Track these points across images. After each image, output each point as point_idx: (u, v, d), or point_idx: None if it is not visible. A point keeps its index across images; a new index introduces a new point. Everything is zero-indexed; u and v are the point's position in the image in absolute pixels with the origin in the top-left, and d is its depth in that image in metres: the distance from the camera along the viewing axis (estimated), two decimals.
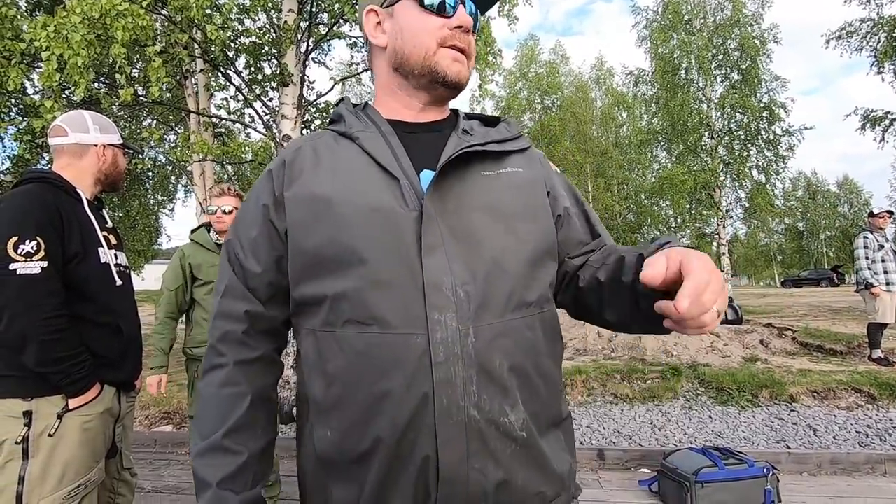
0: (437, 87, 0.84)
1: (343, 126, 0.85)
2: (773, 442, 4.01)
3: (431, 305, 0.69)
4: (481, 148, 0.80)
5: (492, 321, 0.72)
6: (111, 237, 1.74)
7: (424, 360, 0.68)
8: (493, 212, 0.78)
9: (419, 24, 0.82)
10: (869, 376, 4.80)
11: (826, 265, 35.11)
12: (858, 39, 10.95)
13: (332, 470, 0.74)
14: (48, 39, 3.38)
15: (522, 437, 0.72)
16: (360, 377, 0.70)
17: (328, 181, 0.77)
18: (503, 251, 0.76)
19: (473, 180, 0.79)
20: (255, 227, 0.80)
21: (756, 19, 13.36)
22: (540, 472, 0.75)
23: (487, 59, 4.93)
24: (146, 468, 3.73)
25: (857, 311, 8.01)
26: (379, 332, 0.70)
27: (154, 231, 11.09)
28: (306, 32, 4.98)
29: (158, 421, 4.82)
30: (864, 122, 11.50)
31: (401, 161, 0.78)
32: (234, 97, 5.40)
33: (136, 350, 1.78)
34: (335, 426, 0.73)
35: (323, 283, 0.74)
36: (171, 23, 4.08)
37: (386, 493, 0.71)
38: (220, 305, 0.81)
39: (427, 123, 0.87)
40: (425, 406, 0.68)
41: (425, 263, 0.71)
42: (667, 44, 13.79)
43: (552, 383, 0.79)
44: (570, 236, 0.89)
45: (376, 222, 0.73)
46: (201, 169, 5.18)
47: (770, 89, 13.16)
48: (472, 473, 0.69)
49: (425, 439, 0.68)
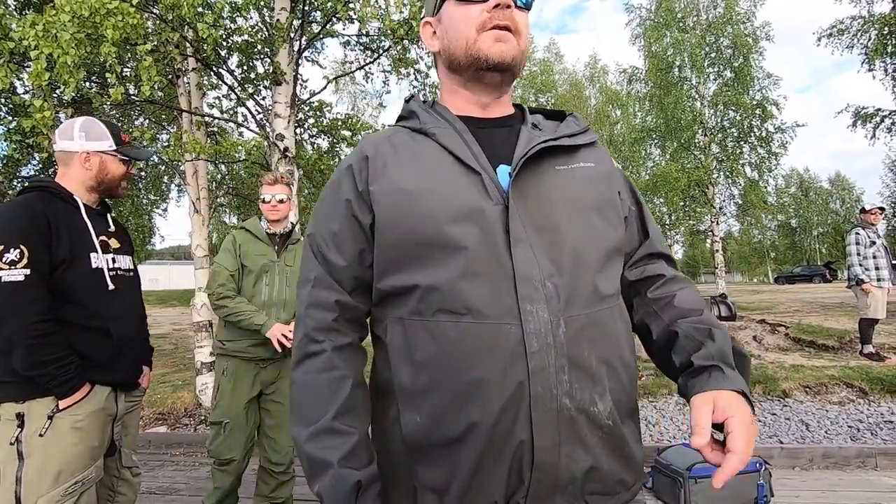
0: (482, 73, 0.84)
1: (417, 123, 0.87)
2: (765, 437, 4.04)
3: (524, 296, 0.71)
4: (556, 143, 0.82)
5: (579, 312, 0.74)
6: (113, 241, 1.77)
7: (519, 350, 0.70)
8: (570, 205, 0.80)
9: (459, 16, 0.84)
10: (860, 371, 4.84)
11: (819, 261, 35.37)
12: (849, 37, 11.02)
13: (421, 454, 0.76)
14: (37, 38, 3.34)
15: (609, 426, 0.75)
16: (452, 364, 0.72)
17: (412, 176, 0.79)
18: (584, 244, 0.78)
19: (549, 174, 0.81)
20: (337, 222, 0.83)
21: (748, 17, 13.43)
22: (623, 460, 0.78)
23: None
24: (140, 469, 3.71)
25: (849, 307, 8.08)
26: (472, 322, 0.72)
27: (147, 231, 11.02)
28: (299, 31, 4.95)
29: (152, 422, 4.79)
30: (856, 120, 11.57)
31: (478, 156, 0.80)
32: (227, 96, 5.36)
33: (136, 351, 1.81)
34: (426, 412, 0.74)
35: (412, 273, 0.76)
36: (162, 21, 4.05)
37: (480, 478, 0.72)
38: (311, 296, 0.83)
39: (495, 119, 0.89)
40: (521, 393, 0.70)
41: (515, 255, 0.73)
42: (660, 42, 13.83)
43: (631, 373, 0.81)
44: (629, 238, 0.91)
45: (465, 215, 0.75)
46: (194, 168, 5.14)
47: (763, 87, 13.24)
48: (562, 459, 0.71)
49: (521, 425, 0.70)
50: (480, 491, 0.72)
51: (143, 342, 1.91)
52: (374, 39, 5.74)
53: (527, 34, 0.86)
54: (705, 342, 0.79)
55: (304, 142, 6.30)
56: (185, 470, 3.75)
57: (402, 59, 5.52)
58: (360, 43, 5.91)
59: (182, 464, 3.89)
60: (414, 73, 5.71)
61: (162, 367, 6.37)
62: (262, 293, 2.47)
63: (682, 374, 0.80)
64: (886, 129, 11.25)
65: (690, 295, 0.88)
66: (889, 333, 6.29)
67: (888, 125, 11.19)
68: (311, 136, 6.37)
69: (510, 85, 0.89)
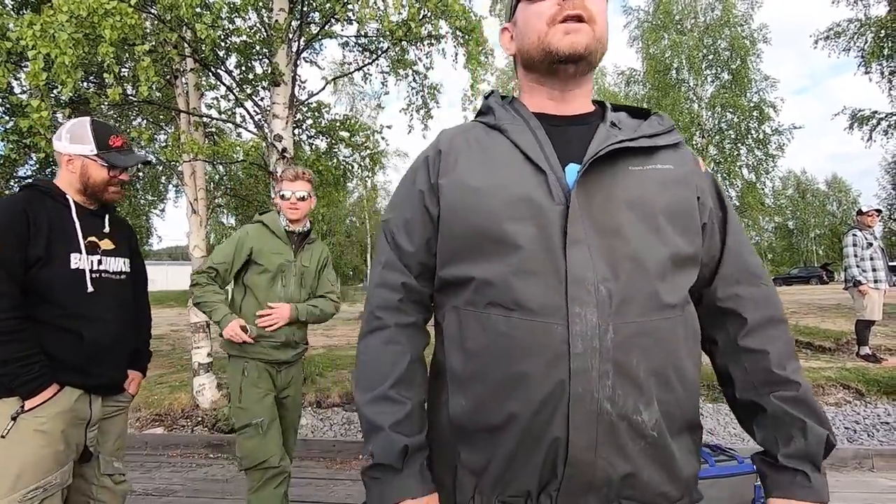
0: (556, 66, 0.83)
1: (493, 119, 0.88)
2: None
3: (573, 298, 0.72)
4: (631, 144, 0.79)
5: (632, 320, 0.73)
6: (106, 243, 1.74)
7: (562, 349, 0.71)
8: (638, 208, 0.77)
9: (532, 13, 0.84)
10: (857, 373, 4.86)
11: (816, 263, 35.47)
12: (846, 40, 11.06)
13: (464, 436, 0.81)
14: (34, 38, 3.33)
15: (653, 437, 0.74)
16: (498, 356, 0.75)
17: (479, 172, 0.82)
18: (646, 250, 0.76)
19: (620, 175, 0.79)
20: (409, 210, 0.88)
21: (746, 19, 13.47)
22: (666, 473, 0.76)
23: (479, 59, 4.93)
24: (136, 470, 3.69)
25: (846, 309, 8.10)
26: (520, 318, 0.74)
27: (144, 232, 10.99)
28: (298, 32, 4.95)
29: (149, 423, 4.77)
30: (852, 122, 11.62)
31: (547, 154, 0.80)
32: (225, 97, 5.35)
33: (118, 355, 1.76)
34: (470, 397, 0.79)
35: (470, 266, 0.79)
36: (160, 21, 4.04)
37: (514, 466, 0.75)
38: (381, 276, 0.89)
39: (572, 116, 0.88)
40: (561, 391, 0.71)
41: (569, 257, 0.73)
42: (658, 44, 13.86)
43: (690, 386, 0.79)
44: (709, 247, 0.86)
45: (525, 214, 0.76)
46: (192, 169, 5.13)
47: (760, 89, 13.29)
48: (598, 462, 0.72)
49: (558, 422, 0.71)
50: (514, 478, 0.76)
51: (130, 346, 1.85)
52: (373, 40, 5.75)
53: (604, 18, 0.83)
54: (795, 436, 0.77)
55: (302, 142, 6.30)
56: (181, 471, 3.74)
57: (401, 60, 5.53)
58: (359, 44, 5.91)
59: (179, 465, 3.87)
60: (412, 74, 5.71)
61: (159, 368, 6.35)
62: (276, 294, 2.38)
63: (764, 459, 0.81)
64: (883, 131, 11.29)
65: (785, 351, 0.82)
66: (886, 335, 6.31)
67: (885, 127, 11.24)
68: (309, 136, 6.36)
69: (588, 76, 0.87)
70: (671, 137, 0.85)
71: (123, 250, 1.83)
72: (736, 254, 0.87)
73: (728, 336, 0.86)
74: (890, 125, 11.15)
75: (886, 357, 5.45)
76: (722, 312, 0.86)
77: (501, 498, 0.78)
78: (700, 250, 0.83)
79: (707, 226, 0.85)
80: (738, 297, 0.85)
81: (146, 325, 2.05)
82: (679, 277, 0.79)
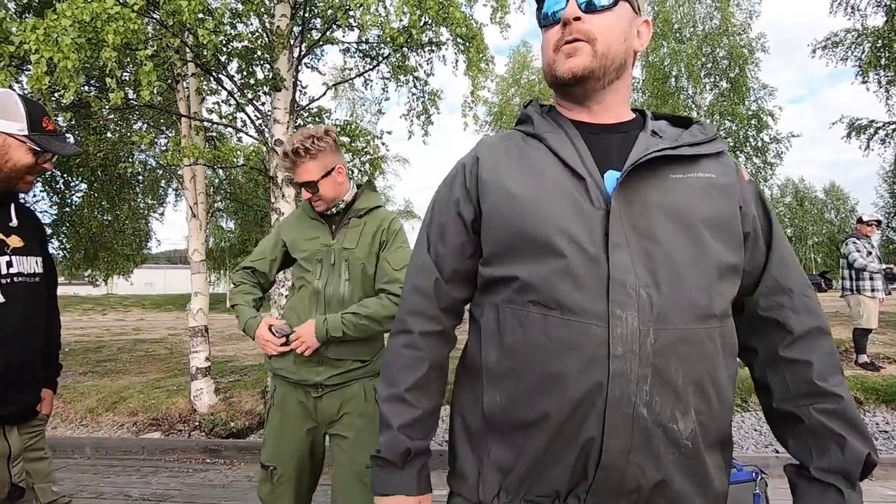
0: (563, 89, 0.87)
1: (531, 127, 0.90)
2: (761, 446, 4.04)
3: (615, 301, 0.72)
4: (672, 152, 0.79)
5: (674, 327, 0.72)
6: (13, 239, 1.46)
7: (601, 351, 0.71)
8: (679, 216, 0.77)
9: (545, 41, 0.88)
10: (855, 381, 4.86)
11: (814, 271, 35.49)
12: (843, 49, 11.15)
13: (496, 432, 0.81)
14: (38, 42, 3.35)
15: (687, 447, 0.73)
16: (536, 354, 0.75)
17: (519, 178, 0.83)
18: (686, 258, 0.75)
19: (661, 182, 0.79)
20: (445, 215, 0.91)
21: (744, 28, 13.58)
22: (699, 485, 0.75)
23: (480, 66, 4.96)
24: (133, 476, 3.68)
25: (844, 317, 8.11)
26: (560, 317, 0.74)
27: (143, 235, 10.97)
28: (299, 37, 4.98)
29: (146, 428, 4.75)
30: (850, 131, 11.68)
31: (585, 161, 0.81)
32: (226, 101, 5.39)
33: (33, 375, 1.51)
34: (506, 394, 0.79)
35: (512, 266, 0.80)
36: (162, 26, 4.07)
37: (543, 465, 0.76)
38: (413, 280, 0.93)
39: (610, 125, 0.89)
40: (598, 393, 0.71)
41: (612, 259, 0.73)
42: (657, 52, 13.95)
43: (725, 399, 0.78)
44: (752, 257, 0.84)
45: (566, 219, 0.77)
46: (192, 173, 5.14)
47: (758, 97, 13.39)
48: (630, 467, 0.71)
49: (593, 423, 0.71)
50: (542, 477, 0.76)
51: (43, 362, 1.57)
52: (374, 46, 5.78)
53: (610, 34, 0.83)
54: (832, 450, 0.75)
55: None
56: (178, 476, 3.72)
57: (402, 66, 5.56)
58: (360, 50, 5.95)
59: (176, 470, 3.85)
60: (413, 79, 5.74)
61: (156, 372, 6.33)
62: (309, 287, 1.78)
63: (796, 470, 0.80)
64: (880, 140, 11.36)
65: (829, 363, 0.80)
66: (884, 343, 6.32)
67: (882, 136, 11.30)
68: None
69: (608, 89, 0.87)
70: (714, 146, 0.85)
71: (35, 247, 1.53)
72: (780, 264, 0.85)
73: (769, 346, 0.84)
74: (887, 134, 11.21)
75: (885, 365, 5.45)
76: (764, 322, 0.85)
77: (528, 497, 0.78)
78: (742, 260, 0.82)
79: (750, 235, 0.84)
80: (781, 307, 0.84)
81: (57, 335, 1.74)
82: (721, 287, 0.78)
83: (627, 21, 0.85)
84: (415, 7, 4.22)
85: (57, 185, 8.02)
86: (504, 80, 19.80)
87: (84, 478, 3.66)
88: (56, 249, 8.54)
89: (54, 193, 8.06)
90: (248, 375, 5.94)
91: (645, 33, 0.89)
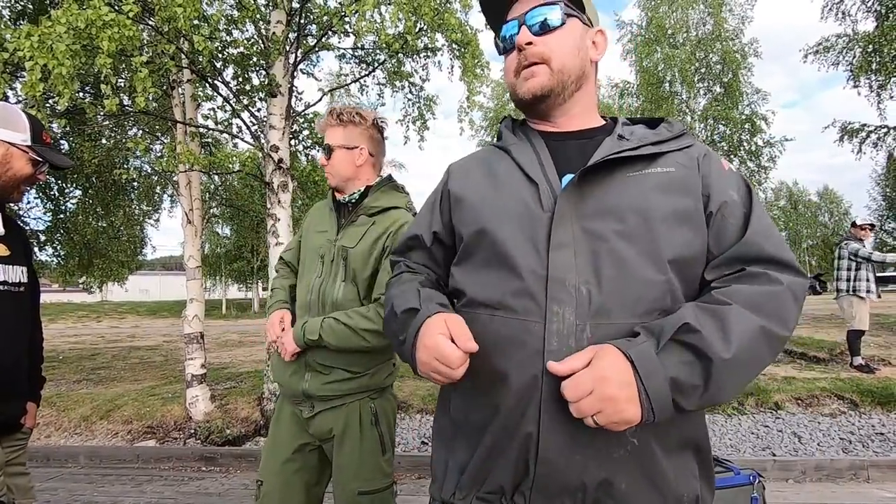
0: (526, 109, 0.94)
1: (501, 141, 0.98)
2: (758, 449, 4.04)
3: (552, 298, 0.75)
4: (632, 153, 0.82)
5: (613, 322, 0.74)
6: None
7: (538, 346, 0.74)
8: (631, 213, 0.78)
9: (505, 67, 0.95)
10: (851, 383, 4.88)
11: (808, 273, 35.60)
12: (835, 54, 11.25)
13: (459, 432, 0.86)
14: (32, 49, 3.34)
15: (633, 444, 0.73)
16: (486, 353, 0.79)
17: (481, 186, 0.91)
18: (636, 255, 0.76)
19: (617, 182, 0.81)
20: (427, 208, 1.03)
21: (737, 34, 13.69)
22: (651, 486, 0.74)
23: (475, 72, 4.98)
24: (128, 484, 3.64)
25: (839, 319, 8.15)
26: (503, 316, 0.79)
27: (139, 241, 10.93)
28: (295, 44, 4.99)
29: (141, 436, 4.71)
30: (842, 135, 11.78)
31: (545, 167, 0.86)
32: (222, 107, 5.37)
33: (18, 386, 1.50)
34: (461, 393, 0.85)
35: (466, 270, 0.88)
36: (157, 33, 4.06)
37: (491, 462, 0.79)
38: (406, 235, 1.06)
39: (572, 132, 0.93)
40: (534, 387, 0.74)
41: (552, 259, 0.77)
42: (651, 57, 14.04)
43: None
44: (718, 236, 0.80)
45: (513, 223, 0.82)
46: (187, 179, 5.13)
47: (751, 102, 13.47)
48: (572, 464, 0.72)
49: (529, 418, 0.74)
50: (490, 473, 0.79)
51: (27, 373, 1.56)
52: (370, 53, 5.79)
53: (563, 51, 0.87)
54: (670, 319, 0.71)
55: (298, 153, 6.31)
56: (173, 485, 3.69)
57: (397, 72, 5.57)
58: (356, 56, 5.96)
59: (171, 478, 3.82)
60: (408, 85, 5.76)
61: (151, 380, 6.28)
62: (303, 283, 1.71)
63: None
64: (872, 143, 11.45)
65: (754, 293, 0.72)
66: (879, 345, 6.35)
67: (874, 140, 11.39)
68: (305, 147, 6.38)
69: (569, 101, 0.91)
70: (680, 142, 0.85)
71: (20, 257, 1.53)
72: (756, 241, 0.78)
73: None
74: (879, 137, 11.31)
75: (880, 367, 5.47)
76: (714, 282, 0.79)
77: (479, 494, 0.80)
78: (699, 253, 0.79)
79: (715, 215, 0.80)
80: (724, 277, 0.79)
81: (40, 346, 1.73)
82: (677, 280, 0.77)
83: (579, 36, 0.90)
84: (410, 14, 4.24)
85: (51, 192, 7.97)
86: (499, 85, 19.85)
87: (78, 487, 3.62)
88: (50, 256, 8.50)
89: (48, 200, 8.00)
90: (244, 382, 5.90)
91: (601, 42, 0.94)
